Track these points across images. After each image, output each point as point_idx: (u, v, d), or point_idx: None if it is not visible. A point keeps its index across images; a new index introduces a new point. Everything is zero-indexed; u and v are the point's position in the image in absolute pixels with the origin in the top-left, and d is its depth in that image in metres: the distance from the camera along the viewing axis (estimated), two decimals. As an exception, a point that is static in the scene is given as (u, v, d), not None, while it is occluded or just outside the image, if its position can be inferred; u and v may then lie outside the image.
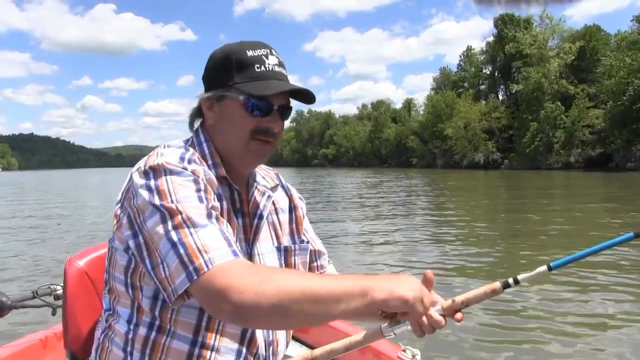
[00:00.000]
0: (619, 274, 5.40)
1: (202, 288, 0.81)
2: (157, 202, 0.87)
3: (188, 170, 0.92)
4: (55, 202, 18.67)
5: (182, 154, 0.97)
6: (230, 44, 1.05)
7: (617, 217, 10.28)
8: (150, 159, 0.95)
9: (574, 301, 4.50)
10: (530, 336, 3.74)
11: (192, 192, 0.89)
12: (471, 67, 70.78)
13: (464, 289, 4.95)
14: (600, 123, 43.58)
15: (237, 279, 0.79)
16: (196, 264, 0.81)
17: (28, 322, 3.71)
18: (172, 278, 0.84)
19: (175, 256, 0.83)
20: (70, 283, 1.23)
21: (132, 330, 0.97)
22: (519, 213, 12.21)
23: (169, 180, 0.90)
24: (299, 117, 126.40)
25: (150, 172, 0.92)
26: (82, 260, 1.26)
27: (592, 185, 23.36)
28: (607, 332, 3.78)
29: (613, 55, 42.44)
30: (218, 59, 1.03)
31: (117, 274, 0.99)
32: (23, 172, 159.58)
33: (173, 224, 0.85)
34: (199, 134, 1.06)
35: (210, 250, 0.82)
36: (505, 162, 54.30)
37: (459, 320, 0.93)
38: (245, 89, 0.98)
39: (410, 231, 9.18)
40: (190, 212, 0.86)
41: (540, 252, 6.79)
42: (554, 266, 0.91)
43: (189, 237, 0.84)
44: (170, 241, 0.84)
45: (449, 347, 3.54)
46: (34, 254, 7.48)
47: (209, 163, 1.01)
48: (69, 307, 1.21)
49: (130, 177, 0.96)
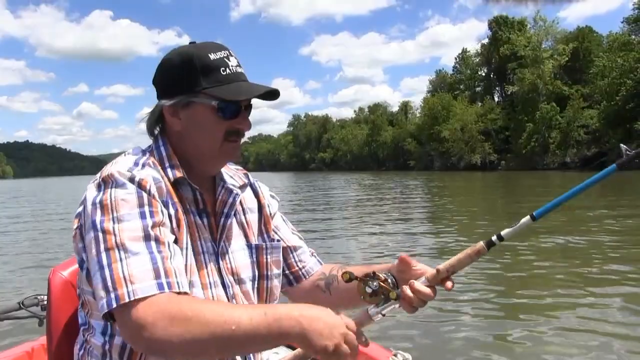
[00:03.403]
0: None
1: (120, 318, 0.81)
2: (97, 218, 0.87)
3: (135, 179, 0.92)
4: (47, 211, 18.58)
5: (137, 159, 0.98)
6: (186, 48, 1.02)
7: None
8: (104, 170, 0.96)
9: (565, 306, 4.50)
10: (523, 340, 3.73)
11: (134, 209, 0.88)
12: (467, 69, 71.03)
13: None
14: (594, 123, 43.77)
15: (151, 316, 0.78)
16: (119, 292, 0.80)
17: (14, 333, 3.68)
18: (97, 297, 0.84)
19: (100, 278, 0.83)
20: (54, 294, 1.21)
21: (107, 342, 0.96)
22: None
23: (113, 194, 0.89)
24: (296, 121, 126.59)
25: (101, 184, 0.92)
26: (67, 270, 1.25)
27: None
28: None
29: (605, 56, 42.74)
30: (177, 63, 1.00)
31: (84, 286, 0.98)
32: (18, 181, 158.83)
33: (106, 246, 0.84)
34: (158, 139, 1.06)
35: (136, 281, 0.81)
36: (502, 163, 54.41)
37: (449, 289, 0.92)
38: (216, 94, 0.98)
39: (406, 230, 9.18)
40: (125, 235, 0.85)
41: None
42: (537, 215, 0.88)
43: (117, 263, 0.82)
44: (100, 262, 0.84)
45: (441, 351, 3.54)
46: (21, 263, 7.42)
47: (165, 166, 1.01)
48: (53, 318, 1.19)
49: (86, 188, 0.96)
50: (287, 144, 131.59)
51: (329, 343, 0.81)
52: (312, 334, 0.80)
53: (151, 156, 1.02)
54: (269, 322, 0.80)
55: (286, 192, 24.94)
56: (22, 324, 3.30)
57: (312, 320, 0.81)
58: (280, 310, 0.82)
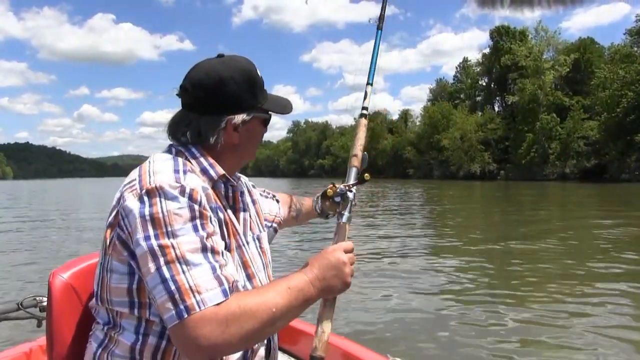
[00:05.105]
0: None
1: (184, 330, 0.82)
2: (151, 233, 0.87)
3: (186, 191, 0.91)
4: (46, 213, 18.55)
5: (176, 167, 0.96)
6: (243, 64, 1.06)
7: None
8: (145, 179, 0.93)
9: (561, 305, 4.48)
10: (519, 342, 3.71)
11: (187, 223, 0.88)
12: (467, 79, 71.39)
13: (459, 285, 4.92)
14: (595, 134, 43.92)
15: (207, 328, 0.82)
16: (188, 303, 0.82)
17: (13, 334, 3.66)
18: (162, 310, 0.85)
19: (165, 291, 0.83)
20: (55, 296, 1.20)
21: (140, 341, 0.96)
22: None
23: (164, 207, 0.88)
24: (296, 128, 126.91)
25: (145, 196, 0.90)
26: (67, 272, 1.23)
27: (589, 194, 23.45)
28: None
29: (607, 68, 42.95)
30: (241, 81, 1.03)
31: (115, 297, 0.97)
32: (18, 182, 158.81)
33: (166, 260, 0.84)
34: (190, 148, 1.03)
35: (203, 291, 0.83)
36: (502, 173, 54.52)
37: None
38: (272, 108, 1.10)
39: (406, 239, 9.16)
40: (184, 248, 0.86)
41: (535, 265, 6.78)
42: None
43: (181, 275, 0.84)
44: (162, 276, 0.84)
45: (436, 356, 3.53)
46: (19, 265, 7.39)
47: (204, 165, 1.02)
48: (54, 320, 1.18)
49: (121, 197, 0.94)
50: (286, 150, 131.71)
51: (346, 279, 0.99)
52: (331, 285, 0.97)
53: (184, 159, 1.00)
54: (295, 295, 0.92)
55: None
56: (20, 325, 3.29)
57: (323, 275, 0.96)
58: (296, 283, 0.94)
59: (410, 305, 4.74)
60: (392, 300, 4.96)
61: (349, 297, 4.67)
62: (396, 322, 4.29)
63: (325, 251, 1.01)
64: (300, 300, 0.92)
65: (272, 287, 0.92)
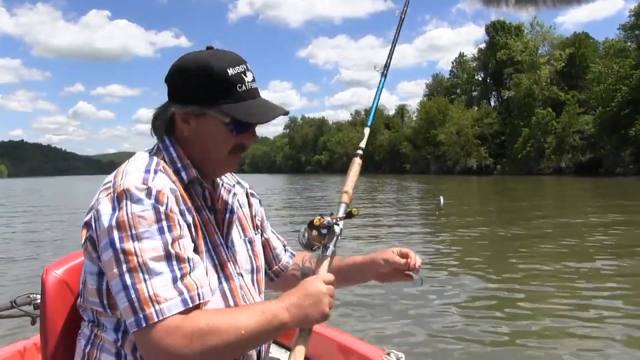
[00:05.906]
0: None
1: (143, 336, 0.84)
2: (116, 237, 0.87)
3: (152, 193, 0.90)
4: (41, 210, 18.46)
5: (147, 166, 0.96)
6: (205, 56, 1.01)
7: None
8: (117, 181, 0.94)
9: (559, 305, 4.50)
10: (516, 337, 3.73)
11: (152, 225, 0.88)
12: (463, 74, 71.37)
13: (457, 286, 4.94)
14: (590, 129, 44.08)
15: (171, 338, 0.83)
16: (147, 312, 0.83)
17: (6, 332, 3.65)
18: (123, 316, 0.87)
19: (126, 299, 0.85)
20: (48, 293, 1.19)
21: (120, 339, 0.97)
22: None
23: (129, 210, 0.88)
24: (293, 123, 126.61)
25: (115, 201, 0.91)
26: (60, 269, 1.22)
27: (584, 188, 23.56)
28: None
29: (602, 63, 43.07)
30: (194, 71, 0.99)
31: (91, 297, 0.98)
32: (13, 180, 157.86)
33: (128, 267, 0.85)
34: (165, 140, 1.05)
35: (162, 300, 0.84)
36: (498, 168, 54.65)
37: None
38: (231, 112, 0.98)
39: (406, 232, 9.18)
40: (147, 256, 0.86)
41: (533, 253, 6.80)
42: None
43: (142, 284, 0.84)
44: (123, 283, 0.85)
45: (433, 349, 3.55)
46: (12, 262, 7.37)
47: (177, 167, 1.01)
48: (48, 317, 1.17)
49: (97, 199, 0.95)
50: (283, 146, 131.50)
51: (324, 309, 0.96)
52: (308, 313, 0.95)
53: (160, 159, 1.01)
54: (268, 320, 0.91)
55: (281, 193, 24.91)
56: (14, 323, 3.28)
57: (299, 302, 0.94)
58: (271, 307, 0.93)
59: (407, 302, 4.75)
60: (388, 296, 4.98)
61: (345, 296, 4.68)
62: (392, 316, 4.30)
63: (305, 281, 0.99)
64: (274, 325, 0.91)
65: (246, 309, 0.94)
